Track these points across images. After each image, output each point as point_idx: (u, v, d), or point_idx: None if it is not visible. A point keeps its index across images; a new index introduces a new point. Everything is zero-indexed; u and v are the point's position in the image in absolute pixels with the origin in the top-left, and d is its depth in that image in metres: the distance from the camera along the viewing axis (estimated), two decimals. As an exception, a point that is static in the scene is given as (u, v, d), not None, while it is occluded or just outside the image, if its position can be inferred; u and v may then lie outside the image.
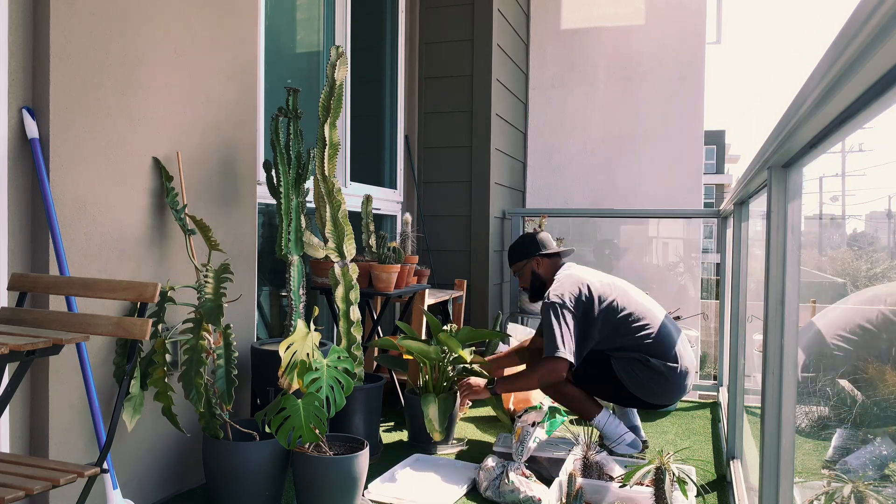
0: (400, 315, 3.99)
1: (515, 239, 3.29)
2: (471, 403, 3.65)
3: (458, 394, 3.09)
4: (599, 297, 2.97)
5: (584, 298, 2.96)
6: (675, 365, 2.90)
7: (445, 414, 2.89)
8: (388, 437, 3.23)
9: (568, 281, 3.02)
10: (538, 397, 3.48)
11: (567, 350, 2.84)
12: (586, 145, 5.23)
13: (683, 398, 3.98)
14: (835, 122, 1.07)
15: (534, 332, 3.79)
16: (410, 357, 3.13)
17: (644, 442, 3.09)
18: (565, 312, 2.91)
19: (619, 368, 2.91)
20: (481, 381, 3.08)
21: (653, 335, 2.93)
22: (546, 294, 3.02)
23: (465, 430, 3.37)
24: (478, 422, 3.54)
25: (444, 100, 4.54)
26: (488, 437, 3.27)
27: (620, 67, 5.17)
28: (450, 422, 3.09)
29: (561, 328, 2.88)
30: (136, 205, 2.27)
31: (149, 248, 2.33)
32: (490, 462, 2.59)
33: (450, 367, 3.12)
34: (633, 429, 3.11)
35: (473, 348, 3.34)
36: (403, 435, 3.27)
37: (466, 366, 3.17)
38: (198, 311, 2.20)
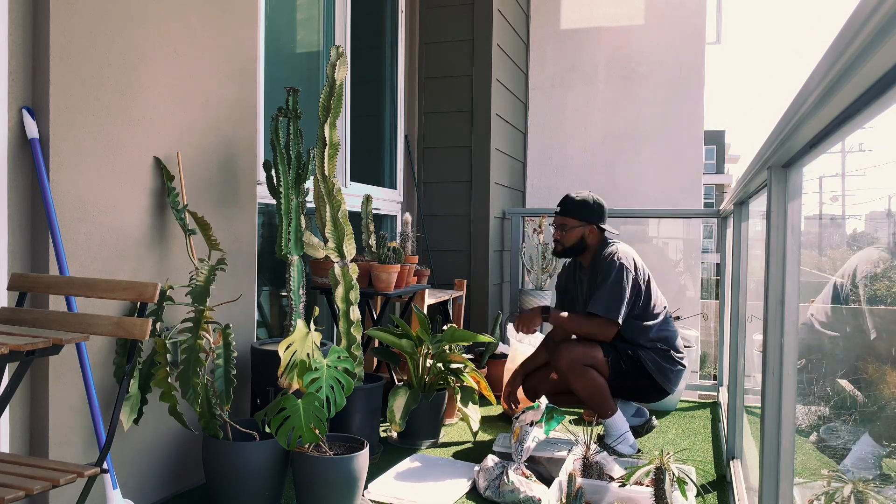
0: (400, 315, 3.99)
1: (580, 194, 3.20)
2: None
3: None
4: (645, 282, 3.11)
5: (637, 275, 3.09)
6: (684, 357, 3.13)
7: (409, 407, 2.93)
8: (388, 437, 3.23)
9: (630, 255, 3.12)
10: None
11: (622, 316, 2.98)
12: (586, 145, 5.23)
13: (682, 398, 4.01)
14: (835, 122, 1.07)
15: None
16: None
17: (649, 420, 3.30)
18: (630, 280, 3.03)
19: (649, 362, 3.03)
20: (535, 313, 3.18)
21: (673, 330, 3.13)
22: (612, 254, 3.07)
23: (464, 430, 3.37)
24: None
25: (444, 100, 4.54)
26: (488, 437, 3.27)
27: (620, 67, 5.17)
28: (433, 418, 3.13)
29: (625, 293, 3.00)
30: (137, 205, 2.27)
31: (149, 247, 2.33)
32: (490, 462, 2.60)
33: (439, 364, 3.13)
34: (638, 410, 3.31)
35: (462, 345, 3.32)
36: (403, 435, 3.27)
37: (457, 366, 3.16)
38: (189, 296, 2.20)
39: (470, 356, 3.37)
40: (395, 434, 3.18)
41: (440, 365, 3.15)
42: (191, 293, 2.19)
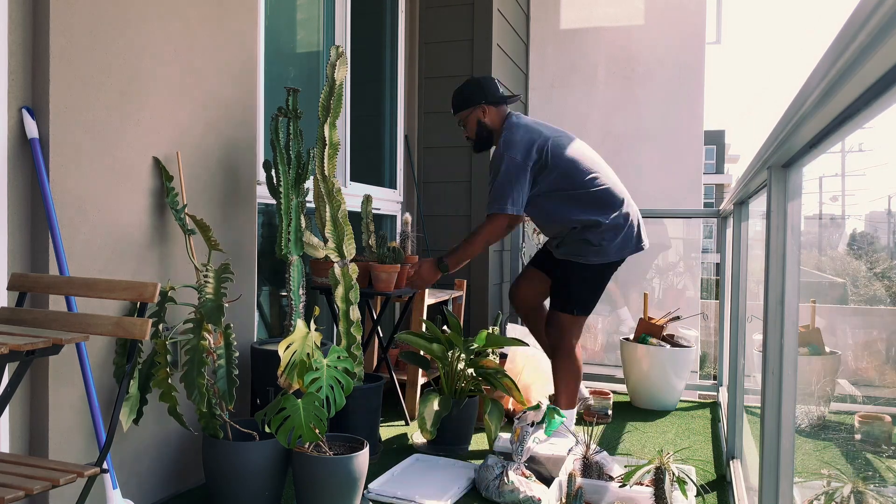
0: (400, 315, 3.99)
1: (460, 84, 3.14)
2: None
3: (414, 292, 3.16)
4: (551, 145, 2.92)
5: (536, 148, 2.90)
6: (623, 212, 2.93)
7: (440, 415, 2.88)
8: (388, 437, 3.22)
9: (520, 130, 2.93)
10: (538, 396, 3.48)
11: (515, 207, 2.86)
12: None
13: (682, 398, 4.00)
14: (835, 122, 1.07)
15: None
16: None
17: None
18: (518, 165, 2.87)
19: (573, 244, 2.90)
20: (429, 266, 3.03)
21: (603, 184, 2.94)
22: (499, 144, 2.95)
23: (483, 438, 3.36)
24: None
25: (444, 100, 4.53)
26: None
27: (620, 67, 5.17)
28: (464, 425, 3.08)
29: (512, 183, 2.86)
30: (137, 205, 2.27)
31: (149, 248, 2.33)
32: (490, 462, 2.60)
33: (470, 370, 3.07)
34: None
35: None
36: (404, 435, 3.27)
37: (486, 370, 3.11)
38: (198, 311, 2.20)
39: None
40: (423, 440, 3.10)
41: (471, 371, 3.09)
42: (203, 309, 2.17)
